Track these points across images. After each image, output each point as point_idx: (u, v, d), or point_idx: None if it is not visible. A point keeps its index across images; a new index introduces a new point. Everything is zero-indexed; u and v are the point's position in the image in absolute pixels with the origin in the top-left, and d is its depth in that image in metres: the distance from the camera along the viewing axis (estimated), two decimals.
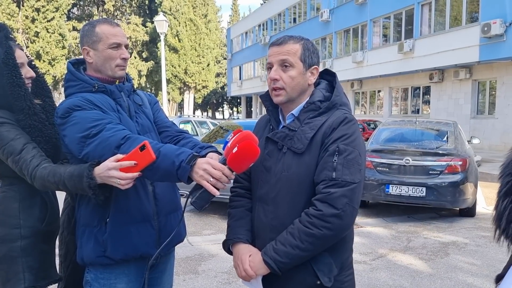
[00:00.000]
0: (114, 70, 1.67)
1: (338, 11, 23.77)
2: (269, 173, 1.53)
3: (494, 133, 15.82)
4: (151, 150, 1.38)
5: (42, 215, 1.82)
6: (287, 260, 1.41)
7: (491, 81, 16.34)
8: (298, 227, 1.41)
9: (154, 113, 1.85)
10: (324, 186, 1.40)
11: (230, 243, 1.60)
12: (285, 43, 1.51)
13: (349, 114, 1.49)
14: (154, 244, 1.66)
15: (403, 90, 21.10)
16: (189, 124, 12.71)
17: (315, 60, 1.54)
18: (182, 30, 35.37)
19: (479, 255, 4.56)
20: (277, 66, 1.51)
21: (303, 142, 1.46)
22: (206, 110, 59.97)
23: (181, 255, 4.40)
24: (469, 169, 5.84)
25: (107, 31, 1.65)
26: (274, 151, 1.53)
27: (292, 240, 1.40)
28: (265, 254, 1.45)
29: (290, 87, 1.50)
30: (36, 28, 27.13)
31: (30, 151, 1.63)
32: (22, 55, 1.80)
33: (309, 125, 1.48)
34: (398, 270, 4.13)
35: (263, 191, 1.55)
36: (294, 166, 1.47)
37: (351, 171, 1.40)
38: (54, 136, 1.78)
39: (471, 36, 15.36)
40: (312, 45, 1.55)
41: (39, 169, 1.57)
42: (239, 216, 1.63)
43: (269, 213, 1.53)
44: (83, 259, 1.65)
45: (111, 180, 1.40)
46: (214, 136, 7.19)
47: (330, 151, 1.42)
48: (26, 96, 1.71)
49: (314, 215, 1.39)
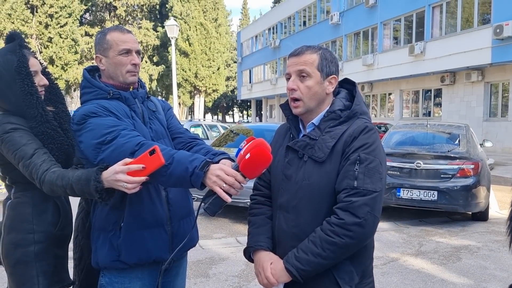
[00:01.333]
0: (125, 76, 1.69)
1: (348, 14, 23.72)
2: (289, 182, 1.54)
3: (507, 136, 15.61)
4: (160, 154, 1.39)
5: (55, 220, 1.85)
6: (309, 268, 1.42)
7: (503, 83, 16.14)
8: (320, 236, 1.42)
9: (168, 119, 1.88)
10: (345, 195, 1.41)
11: (251, 251, 1.62)
12: (303, 53, 1.53)
13: (369, 123, 1.51)
14: (167, 249, 1.69)
15: (414, 93, 20.95)
16: (200, 127, 12.77)
17: (333, 69, 1.55)
18: (193, 34, 35.61)
19: (492, 260, 4.51)
20: (295, 77, 1.53)
21: (324, 151, 1.48)
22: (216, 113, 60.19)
23: (192, 258, 4.43)
24: (481, 173, 5.77)
25: (117, 38, 1.68)
26: (295, 160, 1.55)
27: (314, 248, 1.42)
28: (287, 262, 1.46)
29: (307, 97, 1.52)
30: (49, 33, 27.60)
31: (41, 156, 1.65)
32: (36, 63, 1.83)
33: (330, 134, 1.50)
34: (409, 275, 4.10)
35: (283, 199, 1.56)
36: (315, 175, 1.48)
37: (372, 180, 1.41)
38: (66, 143, 1.81)
39: (483, 38, 15.21)
40: (330, 55, 1.56)
41: (48, 173, 1.59)
42: (260, 223, 1.64)
43: (290, 221, 1.54)
44: (98, 263, 1.67)
45: (118, 184, 1.41)
46: (225, 140, 7.22)
47: (351, 160, 1.43)
48: (38, 104, 1.75)
49: (336, 223, 1.40)
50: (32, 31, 27.21)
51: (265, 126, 7.89)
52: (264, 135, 6.65)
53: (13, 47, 1.78)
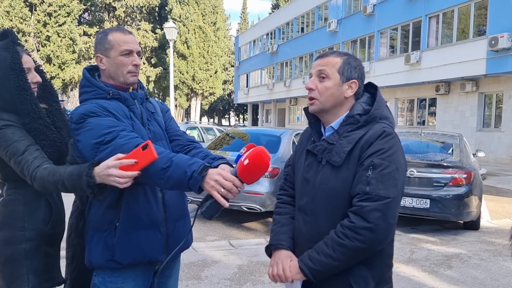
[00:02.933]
0: (126, 77, 1.70)
1: (346, 22, 23.88)
2: (308, 185, 1.56)
3: (500, 147, 15.74)
4: (153, 149, 1.40)
5: (46, 218, 1.85)
6: (320, 268, 1.44)
7: (497, 94, 16.30)
8: (331, 237, 1.44)
9: (166, 121, 1.89)
10: (358, 199, 1.42)
11: (272, 248, 1.63)
12: (327, 56, 1.56)
13: (388, 128, 1.49)
14: (161, 250, 1.70)
15: (409, 102, 21.09)
16: (196, 130, 12.77)
17: (355, 75, 1.55)
18: (191, 37, 35.66)
19: (483, 269, 4.55)
20: (315, 77, 1.55)
21: (341, 156, 1.48)
22: (212, 116, 60.16)
23: (184, 260, 4.43)
24: (473, 182, 5.83)
25: (119, 38, 1.69)
26: (314, 163, 1.56)
27: (325, 249, 1.44)
28: (301, 261, 1.49)
29: (323, 97, 1.53)
30: (47, 32, 27.51)
31: (33, 153, 1.65)
32: (29, 60, 1.84)
33: (347, 138, 1.50)
34: (401, 282, 4.13)
35: (303, 201, 1.58)
36: (332, 179, 1.49)
37: (385, 185, 1.40)
38: (58, 140, 1.81)
39: (478, 49, 15.37)
40: (355, 61, 1.57)
41: (39, 170, 1.58)
42: (283, 223, 1.66)
43: (308, 224, 1.56)
44: (92, 263, 1.68)
45: (110, 179, 1.42)
46: (220, 143, 7.22)
47: (365, 166, 1.43)
48: (31, 100, 1.75)
49: (347, 226, 1.42)
50: (30, 29, 27.12)
51: (260, 131, 7.91)
52: (260, 139, 6.68)
53: (6, 43, 1.79)
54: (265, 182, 5.69)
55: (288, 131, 6.76)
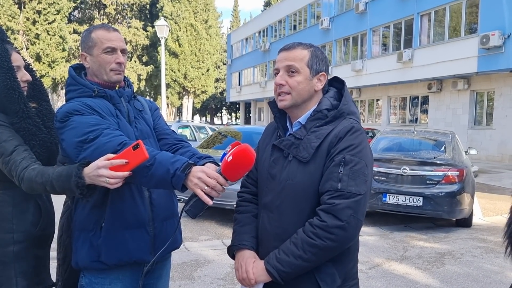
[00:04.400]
0: (109, 75, 1.66)
1: (338, 20, 23.92)
2: (274, 181, 1.53)
3: (492, 144, 15.88)
4: (144, 148, 1.37)
5: (35, 219, 1.80)
6: (290, 270, 1.40)
7: (489, 92, 16.43)
8: (301, 237, 1.40)
9: (154, 119, 1.85)
10: (329, 196, 1.39)
11: (234, 249, 1.59)
12: (293, 48, 1.52)
13: (356, 124, 1.48)
14: (148, 250, 1.66)
15: (401, 99, 21.18)
16: (188, 129, 12.70)
17: (323, 67, 1.53)
18: (183, 35, 35.47)
19: (475, 266, 4.56)
20: (283, 72, 1.51)
21: (309, 151, 1.45)
22: (204, 115, 60.05)
23: (177, 260, 4.39)
24: (466, 180, 5.85)
25: (102, 36, 1.65)
26: (280, 159, 1.53)
27: (295, 250, 1.39)
28: (268, 263, 1.44)
29: (295, 92, 1.50)
30: (37, 30, 27.20)
31: (21, 153, 1.61)
32: (18, 58, 1.79)
33: (315, 134, 1.47)
34: (394, 280, 4.12)
35: (268, 198, 1.55)
36: (299, 175, 1.46)
37: (356, 182, 1.39)
38: (48, 140, 1.77)
39: (470, 47, 15.47)
40: (321, 53, 1.54)
41: (27, 171, 1.55)
42: (245, 222, 1.62)
43: (274, 221, 1.52)
44: (78, 263, 1.64)
45: (100, 180, 1.38)
46: (213, 141, 7.18)
47: (336, 162, 1.40)
48: (20, 99, 1.71)
49: (318, 225, 1.38)
50: (19, 27, 26.80)
51: (253, 129, 7.87)
52: (252, 137, 6.64)
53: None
54: None
55: None
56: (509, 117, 15.16)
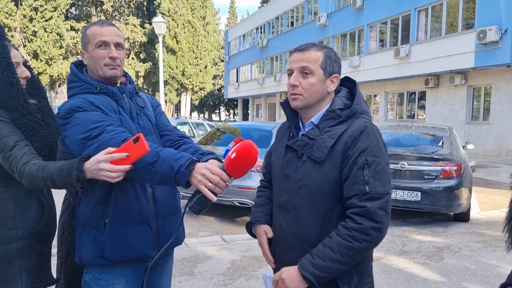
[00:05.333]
0: (104, 70, 1.66)
1: (336, 16, 23.87)
2: (288, 181, 1.54)
3: (489, 139, 15.92)
4: (145, 142, 1.38)
5: (38, 216, 1.81)
6: (327, 274, 1.41)
7: (486, 87, 16.45)
8: (337, 241, 1.41)
9: (156, 116, 1.86)
10: (358, 200, 1.40)
11: (251, 226, 1.73)
12: (308, 50, 1.52)
13: (369, 123, 1.49)
14: (152, 246, 1.67)
15: (398, 95, 21.20)
16: (186, 125, 12.70)
17: (336, 69, 1.55)
18: (180, 32, 35.36)
19: (473, 260, 4.60)
20: (297, 73, 1.52)
21: (323, 151, 1.46)
22: (203, 112, 59.95)
23: (177, 256, 4.40)
24: (463, 175, 5.88)
25: (95, 31, 1.66)
26: (294, 159, 1.54)
27: (331, 254, 1.40)
28: (303, 269, 1.43)
29: (308, 93, 1.51)
30: (34, 27, 27.03)
31: (22, 148, 1.61)
32: (17, 55, 1.80)
33: (329, 133, 1.48)
34: (393, 274, 4.15)
35: (283, 198, 1.57)
36: (314, 175, 1.48)
37: (382, 182, 1.42)
38: (49, 136, 1.77)
39: (467, 43, 15.48)
40: (334, 54, 1.56)
41: (28, 165, 1.55)
42: (260, 203, 1.75)
43: (290, 221, 1.54)
44: (82, 260, 1.65)
45: (101, 174, 1.39)
46: (211, 138, 7.19)
47: (359, 165, 1.41)
48: (19, 95, 1.71)
49: (354, 228, 1.39)
50: (16, 24, 26.64)
51: (251, 125, 7.88)
52: (251, 134, 6.65)
53: None
54: (256, 177, 5.67)
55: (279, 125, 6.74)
56: (506, 112, 15.21)
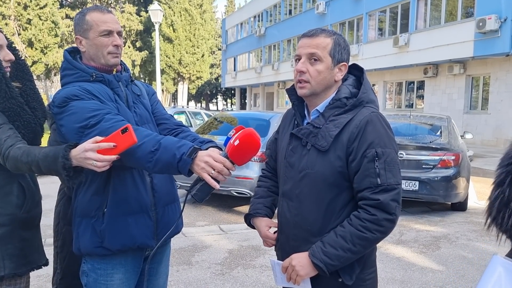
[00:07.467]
0: (107, 58, 1.64)
1: (334, 4, 23.68)
2: (292, 169, 1.53)
3: (487, 129, 15.94)
4: (133, 133, 1.37)
5: (20, 202, 1.77)
6: (338, 263, 1.42)
7: (484, 76, 16.42)
8: (350, 231, 1.41)
9: (152, 104, 1.83)
10: (371, 192, 1.40)
11: (250, 218, 1.70)
12: (317, 35, 1.48)
13: (376, 112, 1.47)
14: (151, 235, 1.66)
15: (397, 84, 21.15)
16: (183, 115, 12.63)
17: (345, 56, 1.51)
18: (177, 20, 35.01)
19: (470, 249, 4.62)
20: (305, 59, 1.48)
21: (327, 140, 1.44)
22: (200, 101, 59.74)
23: (175, 246, 4.41)
24: (461, 164, 5.89)
25: (97, 18, 1.62)
26: (298, 147, 1.52)
27: (344, 244, 1.40)
28: (314, 257, 1.43)
29: (315, 81, 1.48)
30: (28, 15, 26.67)
31: (6, 131, 1.59)
32: (1, 37, 1.74)
33: (334, 122, 1.46)
34: (390, 263, 4.17)
35: (287, 187, 1.56)
36: (319, 164, 1.46)
37: (393, 173, 1.41)
38: (33, 121, 1.74)
39: (466, 31, 15.40)
40: (344, 41, 1.52)
41: (13, 149, 1.52)
42: (261, 195, 1.73)
43: (293, 209, 1.53)
44: (80, 249, 1.64)
45: (87, 162, 1.37)
46: (209, 127, 7.16)
47: (369, 158, 1.40)
48: (2, 79, 1.67)
49: (368, 219, 1.39)
50: (10, 12, 26.29)
51: (249, 114, 7.84)
52: (249, 123, 6.62)
53: None
54: (254, 167, 5.67)
55: (277, 114, 6.71)
56: (504, 102, 15.20)
